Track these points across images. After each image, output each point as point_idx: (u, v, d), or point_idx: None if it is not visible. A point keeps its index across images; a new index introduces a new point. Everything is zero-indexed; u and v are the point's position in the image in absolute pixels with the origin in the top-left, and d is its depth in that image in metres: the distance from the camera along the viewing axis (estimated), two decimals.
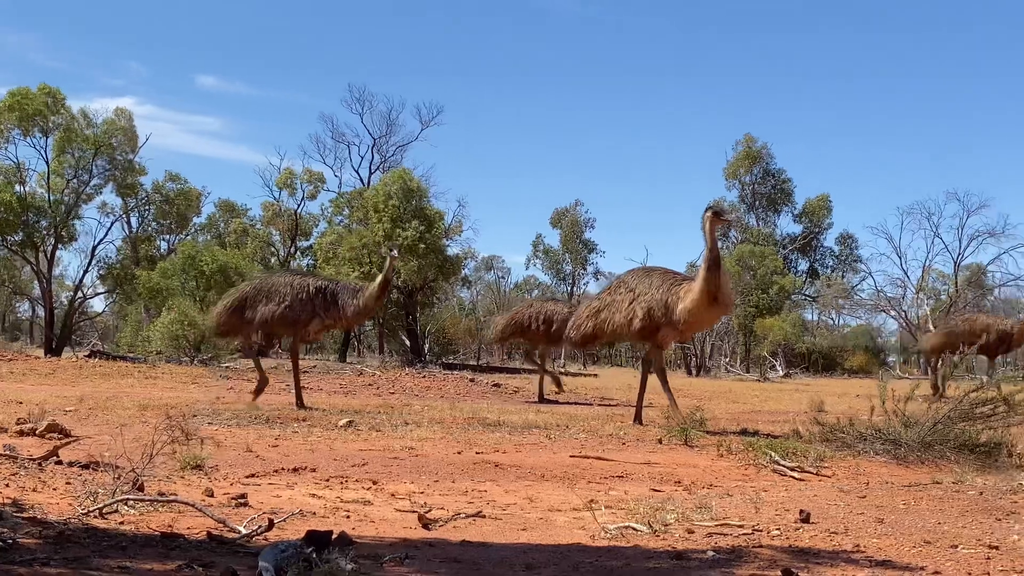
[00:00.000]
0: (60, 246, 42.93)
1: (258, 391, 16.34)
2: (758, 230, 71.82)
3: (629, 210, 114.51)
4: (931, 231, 63.62)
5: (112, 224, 48.79)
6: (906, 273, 64.40)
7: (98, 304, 58.12)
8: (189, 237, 56.45)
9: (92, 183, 41.26)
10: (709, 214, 13.87)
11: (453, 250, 46.25)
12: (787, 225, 74.55)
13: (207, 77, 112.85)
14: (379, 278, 16.04)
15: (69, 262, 64.20)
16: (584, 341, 15.74)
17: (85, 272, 47.31)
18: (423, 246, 38.88)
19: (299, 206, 54.71)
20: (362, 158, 55.21)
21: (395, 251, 17.07)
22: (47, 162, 40.35)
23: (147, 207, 53.22)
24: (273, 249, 55.26)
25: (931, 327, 35.45)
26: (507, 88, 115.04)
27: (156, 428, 7.03)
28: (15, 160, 40.28)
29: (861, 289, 69.84)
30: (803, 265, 75.32)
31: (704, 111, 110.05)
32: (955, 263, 62.52)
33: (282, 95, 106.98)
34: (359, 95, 56.61)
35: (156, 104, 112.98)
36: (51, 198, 39.86)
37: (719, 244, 14.45)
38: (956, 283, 55.27)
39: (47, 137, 39.76)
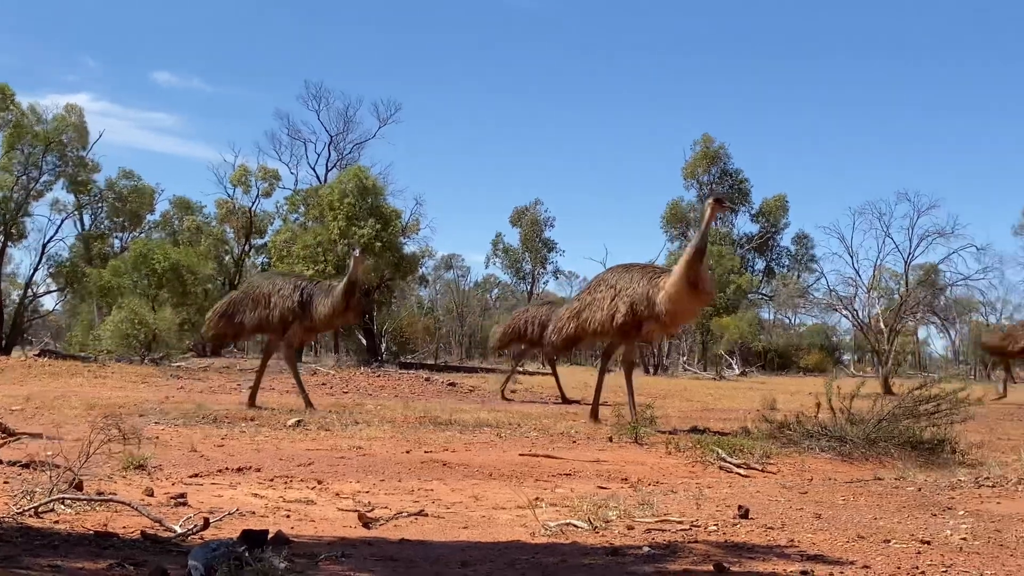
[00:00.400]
0: (9, 243, 42.33)
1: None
2: (716, 229, 72.26)
3: (589, 209, 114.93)
4: (882, 231, 64.29)
5: (63, 221, 48.19)
6: (858, 272, 64.96)
7: (50, 302, 57.35)
8: (143, 235, 55.87)
9: (42, 180, 40.74)
10: (711, 200, 13.73)
11: (410, 248, 46.16)
12: (744, 225, 75.13)
13: (163, 73, 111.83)
14: (344, 280, 15.75)
15: (21, 260, 63.46)
16: (566, 344, 15.56)
17: (35, 270, 46.71)
18: (379, 244, 38.71)
19: (254, 203, 54.39)
20: (319, 155, 55.08)
21: (357, 250, 16.64)
22: None
23: (100, 204, 52.65)
24: (227, 247, 54.79)
25: (883, 326, 35.78)
26: (466, 86, 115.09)
27: (93, 427, 6.94)
28: None
29: (816, 288, 70.43)
30: (760, 264, 75.91)
31: (663, 111, 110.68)
32: (906, 263, 63.25)
33: (239, 92, 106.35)
34: (316, 92, 56.42)
35: (111, 100, 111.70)
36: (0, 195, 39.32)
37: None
38: (907, 282, 55.90)
39: None
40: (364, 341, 44.98)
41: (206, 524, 5.47)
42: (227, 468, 8.81)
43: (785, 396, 23.35)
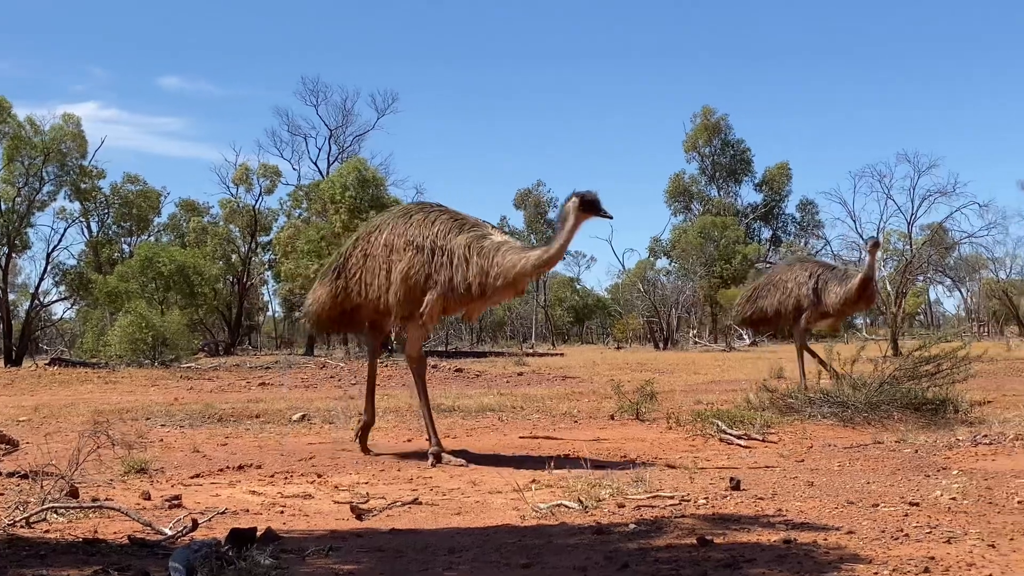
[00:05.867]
0: (14, 254, 42.45)
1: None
2: (720, 200, 72.14)
3: (591, 187, 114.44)
4: (883, 193, 64.09)
5: (66, 229, 48.26)
6: (861, 236, 64.89)
7: (61, 311, 57.57)
8: (152, 238, 56.07)
9: (45, 190, 40.78)
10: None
11: None
12: (748, 194, 74.98)
13: (170, 78, 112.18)
14: (861, 274, 15.74)
15: (32, 270, 63.95)
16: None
17: (41, 279, 46.86)
18: None
19: (257, 201, 54.42)
20: (319, 150, 55.07)
21: (870, 244, 16.77)
22: None
23: (106, 210, 52.82)
24: (234, 246, 54.88)
25: (888, 288, 35.71)
26: (463, 71, 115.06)
27: (81, 434, 6.97)
28: None
29: (824, 254, 70.27)
30: (766, 233, 75.75)
31: (662, 85, 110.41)
32: (908, 224, 63.06)
33: (244, 92, 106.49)
34: (313, 87, 56.48)
35: (119, 108, 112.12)
36: (2, 207, 39.39)
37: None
38: (911, 243, 55.71)
39: None
40: None
41: (195, 525, 5.50)
42: (228, 467, 8.85)
43: (793, 364, 23.29)
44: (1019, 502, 5.90)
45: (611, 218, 8.35)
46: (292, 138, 55.20)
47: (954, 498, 6.07)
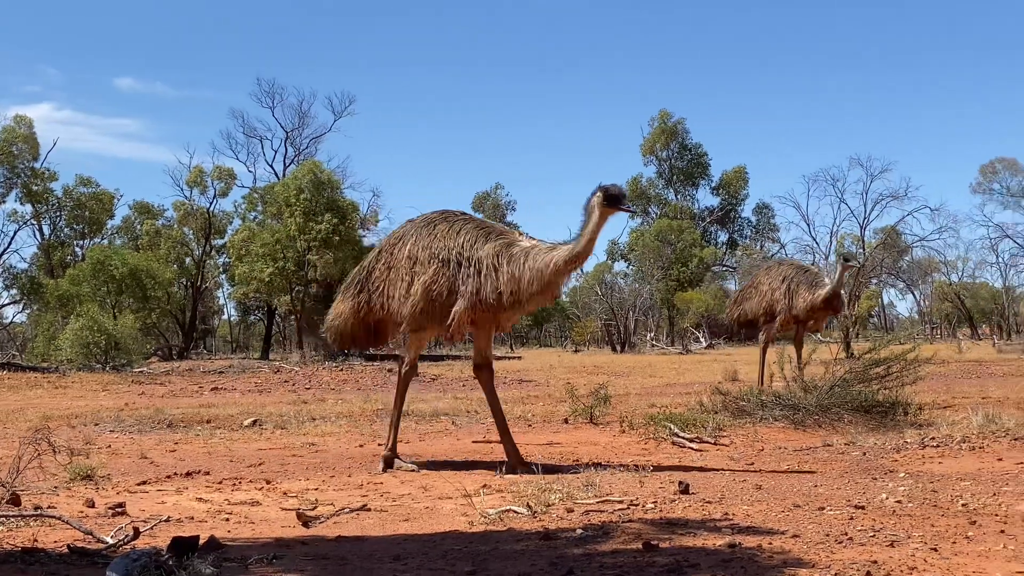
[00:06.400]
0: None
1: None
2: (677, 204, 72.56)
3: (550, 191, 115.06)
4: (837, 197, 64.97)
5: (16, 232, 47.66)
6: (815, 239, 65.75)
7: (12, 314, 56.69)
8: (105, 241, 55.39)
9: None
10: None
11: (370, 240, 45.99)
12: (705, 198, 75.53)
13: (125, 79, 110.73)
14: (830, 287, 16.00)
15: None
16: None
17: None
18: (337, 238, 38.57)
19: (211, 204, 53.92)
20: (275, 152, 54.70)
21: (843, 260, 17.15)
22: None
23: (58, 213, 52.13)
24: (188, 249, 54.34)
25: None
26: (421, 74, 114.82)
27: (23, 441, 6.85)
28: None
29: (780, 257, 70.99)
30: (723, 237, 76.33)
31: (620, 89, 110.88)
32: (861, 227, 63.92)
33: (200, 93, 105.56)
34: (269, 88, 56.04)
35: (74, 108, 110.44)
36: None
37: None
38: (864, 246, 56.41)
39: None
40: None
41: (136, 533, 5.41)
42: (176, 473, 8.75)
43: (749, 367, 23.48)
44: (963, 505, 5.94)
45: (635, 213, 8.20)
46: (247, 140, 54.83)
47: (900, 501, 6.11)
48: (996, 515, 5.63)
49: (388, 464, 8.81)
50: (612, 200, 7.97)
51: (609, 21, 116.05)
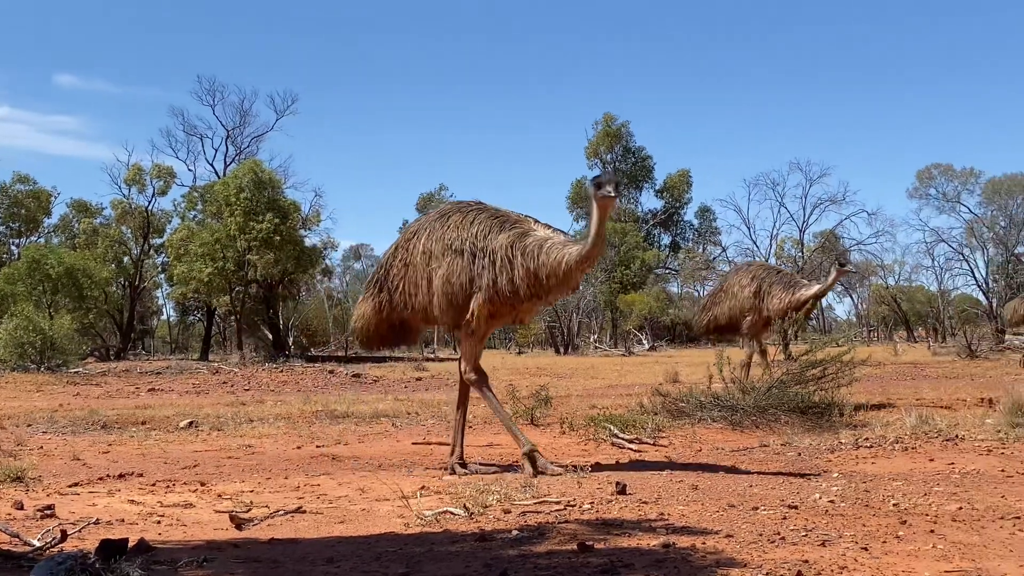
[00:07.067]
0: None
1: None
2: (620, 207, 72.90)
3: (493, 192, 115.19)
4: (777, 201, 65.80)
5: None
6: (755, 242, 66.58)
7: None
8: (41, 239, 54.38)
9: None
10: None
11: (311, 241, 45.70)
12: (649, 201, 75.99)
13: (65, 76, 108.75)
14: (816, 287, 15.96)
15: None
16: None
17: None
18: (278, 238, 38.22)
19: (150, 203, 53.03)
20: (216, 151, 54.00)
21: (838, 265, 16.79)
22: None
23: None
24: (126, 248, 53.46)
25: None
26: (365, 74, 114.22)
27: None
28: None
29: (721, 260, 71.74)
30: (666, 239, 76.88)
31: (564, 92, 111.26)
32: (800, 230, 64.77)
33: (142, 91, 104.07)
34: (210, 86, 55.37)
35: (12, 105, 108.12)
36: None
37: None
38: (803, 249, 57.18)
39: None
40: (270, 336, 44.40)
41: (64, 536, 5.30)
42: (109, 475, 8.59)
43: (689, 368, 23.67)
44: (894, 505, 6.03)
45: (613, 197, 7.83)
46: (188, 138, 54.04)
47: (832, 501, 6.17)
48: (926, 515, 5.72)
49: (532, 460, 8.24)
50: (598, 186, 7.75)
51: (555, 24, 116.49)
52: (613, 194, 7.64)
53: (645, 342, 55.23)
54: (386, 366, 31.18)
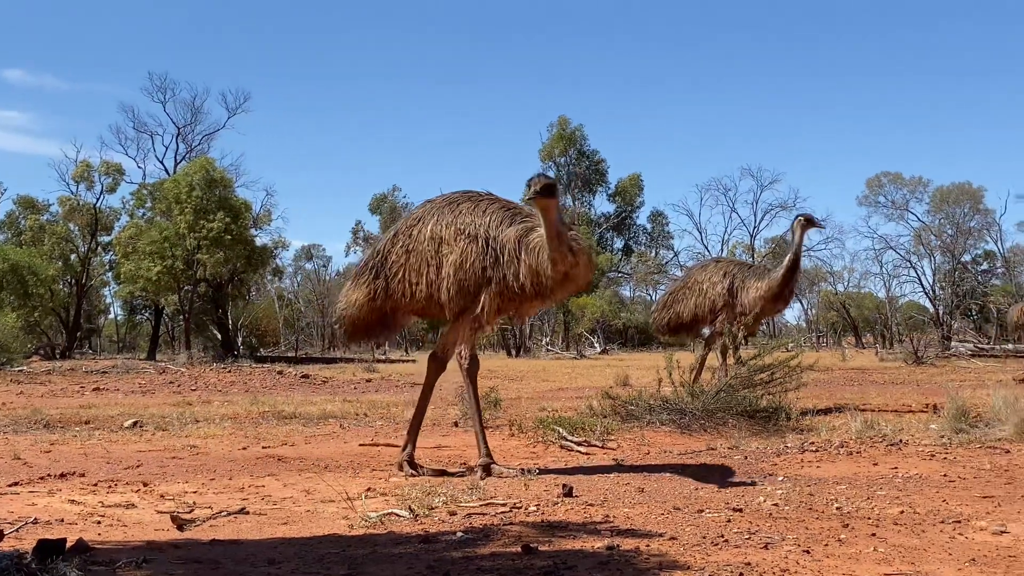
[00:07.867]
0: None
1: None
2: (574, 210, 73.11)
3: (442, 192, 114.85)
4: (728, 206, 66.45)
5: None
6: (707, 248, 67.12)
7: None
8: None
9: None
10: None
11: (262, 240, 45.35)
12: (602, 204, 76.32)
13: (13, 70, 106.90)
14: (787, 256, 15.36)
15: None
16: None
17: None
18: (229, 237, 37.88)
19: (98, 200, 52.35)
20: (166, 148, 53.44)
21: (801, 218, 15.80)
22: None
23: None
24: (73, 245, 52.72)
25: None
26: (318, 73, 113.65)
27: None
28: None
29: (673, 264, 72.28)
30: (619, 243, 77.24)
31: (518, 94, 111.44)
32: (751, 236, 65.39)
33: (92, 87, 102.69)
34: (161, 83, 54.80)
35: None
36: None
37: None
38: (754, 255, 57.71)
39: None
40: (219, 336, 43.99)
41: (0, 536, 5.20)
42: (50, 475, 8.44)
43: (640, 372, 23.78)
44: (837, 508, 6.08)
45: (532, 199, 7.53)
46: (138, 135, 53.37)
47: (776, 504, 6.22)
48: (869, 518, 5.77)
49: (487, 472, 8.14)
50: (544, 191, 7.38)
51: (510, 26, 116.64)
52: (530, 195, 7.35)
53: (597, 345, 55.44)
54: (336, 367, 31.03)
